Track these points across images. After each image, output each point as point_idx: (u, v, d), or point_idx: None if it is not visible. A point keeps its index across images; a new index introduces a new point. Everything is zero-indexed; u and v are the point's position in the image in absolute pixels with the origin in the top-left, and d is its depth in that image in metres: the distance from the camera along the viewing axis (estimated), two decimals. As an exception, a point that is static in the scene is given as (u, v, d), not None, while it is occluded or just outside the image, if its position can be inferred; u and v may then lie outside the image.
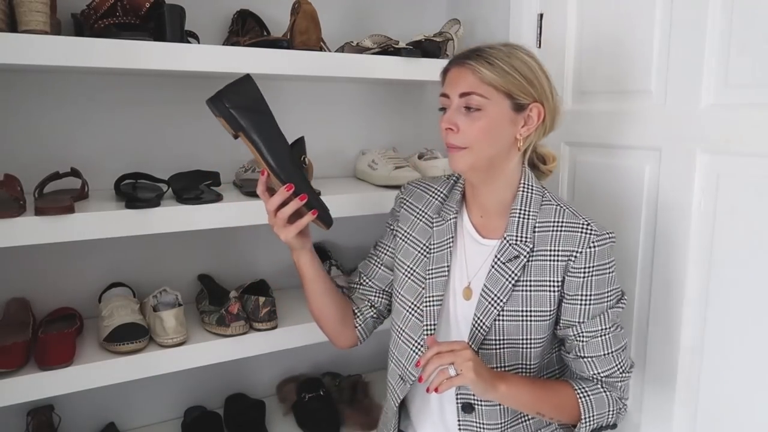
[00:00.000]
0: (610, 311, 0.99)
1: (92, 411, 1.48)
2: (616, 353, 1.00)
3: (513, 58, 0.96)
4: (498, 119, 0.96)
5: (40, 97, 1.31)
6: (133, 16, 1.19)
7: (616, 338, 1.00)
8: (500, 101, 0.95)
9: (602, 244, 0.97)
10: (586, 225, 0.98)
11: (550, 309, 0.99)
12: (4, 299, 1.33)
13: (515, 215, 1.00)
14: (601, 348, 0.99)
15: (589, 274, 0.97)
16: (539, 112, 0.98)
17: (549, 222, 1.00)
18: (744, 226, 1.04)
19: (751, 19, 1.01)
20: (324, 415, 1.56)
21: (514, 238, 1.00)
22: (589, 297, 0.98)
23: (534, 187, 1.02)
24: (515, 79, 0.95)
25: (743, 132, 1.02)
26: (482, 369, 0.90)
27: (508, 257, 0.99)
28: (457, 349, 0.89)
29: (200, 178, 1.31)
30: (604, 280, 0.98)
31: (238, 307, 1.32)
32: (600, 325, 0.98)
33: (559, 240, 0.98)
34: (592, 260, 0.97)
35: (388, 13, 1.70)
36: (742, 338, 1.05)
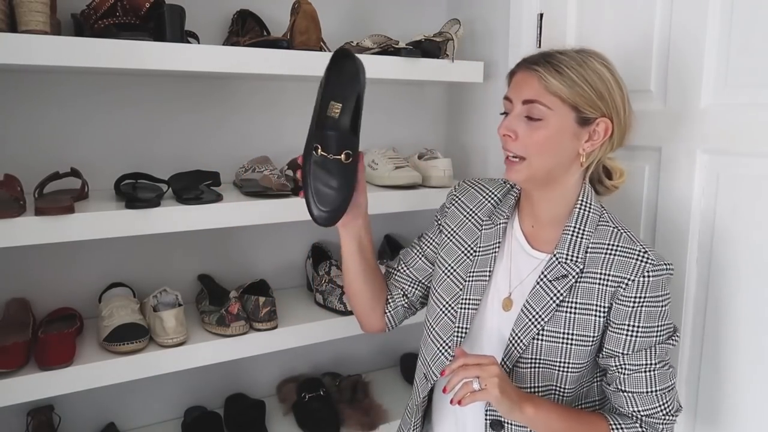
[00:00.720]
0: (659, 347, 0.92)
1: (92, 411, 1.48)
2: (661, 393, 0.93)
3: (585, 68, 0.90)
4: (560, 131, 0.91)
5: (40, 97, 1.31)
6: (133, 16, 1.19)
7: (663, 376, 0.93)
8: (565, 113, 0.90)
9: (658, 275, 0.91)
10: (643, 252, 0.92)
11: (593, 334, 0.93)
12: (4, 299, 1.33)
13: (568, 232, 0.95)
14: (644, 384, 0.92)
15: (640, 305, 0.91)
16: (606, 128, 0.92)
17: (603, 244, 0.94)
18: (744, 226, 1.04)
19: (751, 19, 1.01)
20: (324, 415, 1.56)
21: (564, 256, 0.95)
22: (637, 328, 0.92)
23: (592, 205, 0.97)
24: (584, 91, 0.90)
25: (743, 132, 1.02)
26: (509, 387, 0.87)
27: (555, 275, 0.94)
28: (484, 363, 0.86)
29: (200, 178, 1.31)
30: (655, 312, 0.92)
31: (238, 307, 1.32)
32: (645, 359, 0.92)
33: (612, 264, 0.93)
34: (644, 290, 0.91)
35: (388, 13, 1.70)
36: (743, 338, 1.05)
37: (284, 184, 1.30)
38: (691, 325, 1.14)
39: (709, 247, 1.10)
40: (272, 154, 1.51)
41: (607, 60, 0.95)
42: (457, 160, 1.66)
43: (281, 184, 1.30)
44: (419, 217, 1.85)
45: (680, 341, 1.14)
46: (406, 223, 1.82)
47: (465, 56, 1.61)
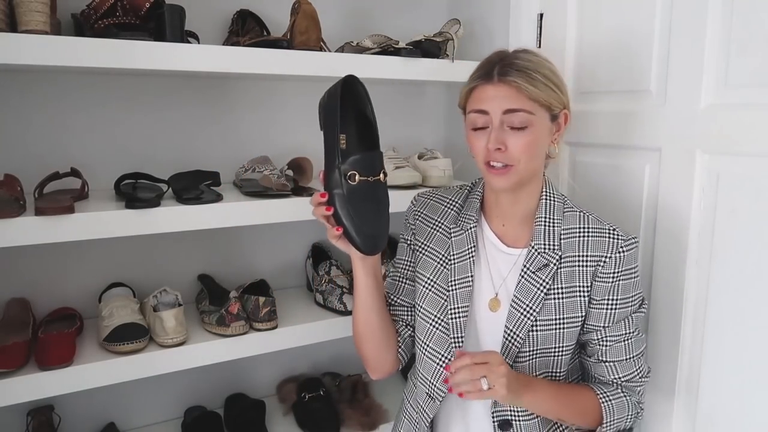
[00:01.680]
0: (633, 315, 1.00)
1: (92, 411, 1.48)
2: (636, 358, 1.00)
3: (543, 68, 0.95)
4: (542, 133, 0.96)
5: (41, 97, 1.31)
6: (133, 16, 1.19)
7: (637, 343, 1.01)
8: (543, 115, 0.95)
9: (630, 249, 0.98)
10: (612, 230, 0.99)
11: (581, 314, 0.99)
12: (4, 299, 1.33)
13: (541, 224, 1.00)
14: (623, 352, 0.99)
15: (617, 279, 0.97)
16: (566, 117, 1.00)
17: (574, 228, 1.00)
18: (744, 226, 1.04)
19: (751, 19, 1.01)
20: (324, 415, 1.56)
21: (542, 246, 0.99)
22: (616, 301, 0.98)
23: (555, 194, 1.02)
24: (552, 91, 0.95)
25: (743, 132, 1.02)
26: (514, 383, 0.89)
27: (537, 266, 0.98)
28: (492, 363, 0.87)
29: (200, 178, 1.31)
30: (630, 284, 0.99)
31: (238, 307, 1.32)
32: (624, 329, 0.99)
33: (588, 245, 0.98)
34: (620, 265, 0.97)
35: (388, 13, 1.70)
36: (743, 338, 1.05)
37: (284, 184, 1.30)
38: (691, 325, 1.14)
39: (709, 247, 1.10)
40: (272, 154, 1.51)
41: (544, 54, 1.01)
42: (457, 160, 1.66)
43: (281, 184, 1.30)
44: (419, 217, 1.85)
45: (678, 342, 1.15)
46: (406, 223, 1.82)
47: (465, 56, 1.61)
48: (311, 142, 1.63)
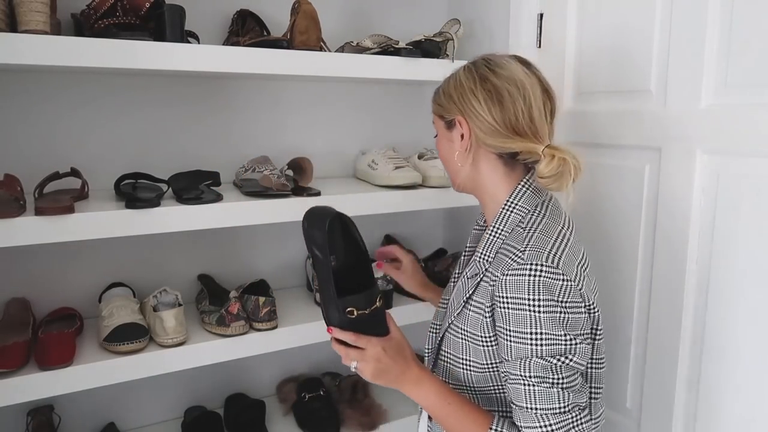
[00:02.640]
0: (536, 359, 0.84)
1: (92, 411, 1.48)
2: (544, 413, 0.84)
3: (452, 77, 0.99)
4: (441, 141, 1.02)
5: (41, 97, 1.31)
6: (133, 16, 1.19)
7: (545, 395, 0.84)
8: (439, 123, 1.02)
9: (518, 274, 0.85)
10: (519, 251, 0.88)
11: (483, 334, 0.92)
12: (4, 299, 1.33)
13: (488, 232, 0.97)
14: (523, 398, 0.86)
15: (505, 306, 0.86)
16: (461, 123, 0.96)
17: (508, 245, 0.92)
18: (744, 226, 1.04)
19: (751, 19, 1.01)
20: (324, 415, 1.56)
21: (480, 255, 0.96)
22: (508, 332, 0.87)
23: (517, 206, 0.95)
24: (440, 99, 1.00)
25: (743, 132, 1.02)
26: (386, 370, 0.91)
27: (471, 273, 0.97)
28: (367, 352, 0.90)
29: (200, 178, 1.31)
30: (524, 317, 0.84)
31: (238, 307, 1.32)
32: (521, 370, 0.85)
33: (496, 263, 0.92)
34: (505, 290, 0.86)
35: (388, 13, 1.70)
36: (742, 338, 1.05)
37: (284, 184, 1.30)
38: (691, 325, 1.14)
39: (709, 247, 1.10)
40: (272, 154, 1.51)
41: (475, 61, 0.98)
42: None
43: (281, 184, 1.30)
44: (419, 217, 1.85)
45: (678, 342, 1.15)
46: (406, 223, 1.83)
47: (465, 56, 1.61)
48: (311, 142, 1.64)
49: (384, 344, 0.91)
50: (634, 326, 1.25)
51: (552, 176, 0.90)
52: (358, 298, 0.91)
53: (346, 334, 0.91)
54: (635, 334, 1.25)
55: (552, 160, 0.90)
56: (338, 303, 0.91)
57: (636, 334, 1.25)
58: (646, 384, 1.23)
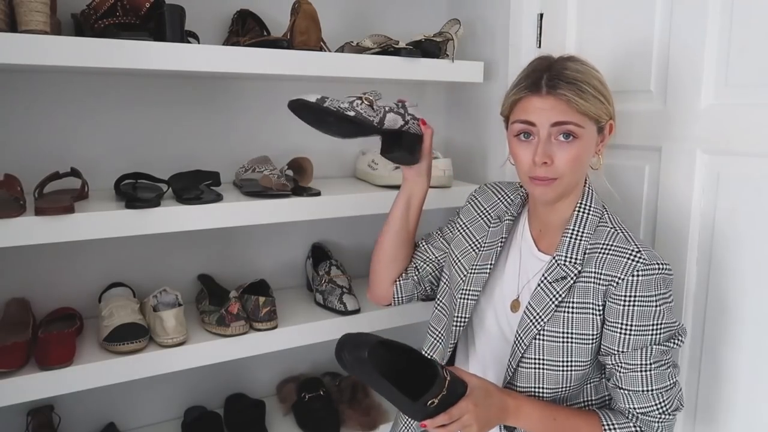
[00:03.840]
0: (655, 347, 0.92)
1: (92, 411, 1.48)
2: (658, 392, 0.93)
3: (591, 78, 0.93)
4: (589, 146, 0.95)
5: (40, 97, 1.31)
6: (133, 16, 1.19)
7: (660, 376, 0.93)
8: (591, 127, 0.94)
9: (648, 274, 0.91)
10: (636, 252, 0.92)
11: (593, 332, 0.95)
12: (4, 299, 1.33)
13: (567, 235, 0.98)
14: (639, 383, 0.93)
15: (630, 304, 0.92)
16: (611, 128, 0.98)
17: (599, 244, 0.96)
18: (744, 226, 1.04)
19: (751, 19, 1.01)
20: (324, 415, 1.56)
21: (563, 258, 0.97)
22: (630, 327, 0.92)
23: (592, 207, 0.99)
24: (601, 104, 0.93)
25: (743, 132, 1.02)
26: (488, 420, 0.90)
27: (555, 277, 0.96)
28: (462, 416, 0.88)
29: (200, 178, 1.31)
30: (648, 312, 0.91)
31: (238, 307, 1.32)
32: (641, 359, 0.92)
33: (604, 263, 0.94)
34: (633, 289, 0.91)
35: (388, 13, 1.70)
36: (743, 337, 1.05)
37: (284, 184, 1.30)
38: (691, 325, 1.14)
39: (709, 247, 1.10)
40: (272, 154, 1.51)
41: (589, 62, 0.97)
42: (457, 160, 1.66)
43: (281, 184, 1.30)
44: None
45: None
46: (406, 223, 1.82)
47: (465, 56, 1.61)
48: (311, 142, 1.63)
49: (473, 400, 0.89)
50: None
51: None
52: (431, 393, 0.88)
53: (437, 420, 0.88)
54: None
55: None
56: (417, 406, 0.88)
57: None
58: (646, 384, 1.23)
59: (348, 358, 0.88)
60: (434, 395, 0.88)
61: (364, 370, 0.87)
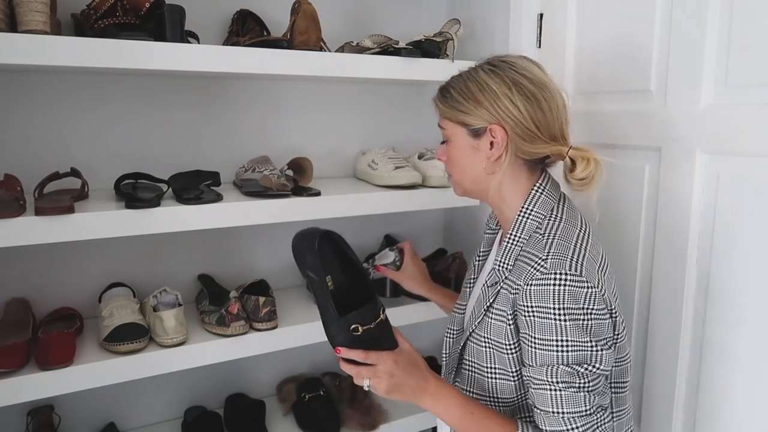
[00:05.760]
0: (563, 367, 0.85)
1: (92, 411, 1.48)
2: (570, 416, 0.85)
3: (467, 81, 0.94)
4: (460, 148, 0.97)
5: (41, 97, 1.31)
6: (133, 16, 1.19)
7: (573, 399, 0.85)
8: (457, 131, 0.96)
9: (542, 284, 0.85)
10: (541, 259, 0.87)
11: (507, 342, 0.92)
12: (4, 299, 1.33)
13: (506, 240, 0.96)
14: (549, 403, 0.86)
15: (530, 314, 0.86)
16: (502, 134, 0.92)
17: (527, 252, 0.91)
18: (744, 226, 1.04)
19: (751, 19, 1.01)
20: (324, 415, 1.56)
21: (499, 263, 0.95)
22: (533, 339, 0.87)
23: (533, 212, 0.94)
24: (463, 106, 0.93)
25: (743, 132, 1.02)
26: (401, 385, 0.89)
27: (491, 282, 0.96)
28: (378, 368, 0.88)
29: (200, 178, 1.31)
30: (548, 325, 0.85)
31: (238, 307, 1.32)
32: (547, 376, 0.86)
33: (517, 271, 0.91)
34: (529, 299, 0.86)
35: (388, 13, 1.70)
36: (743, 338, 1.05)
37: (284, 184, 1.30)
38: (691, 325, 1.14)
39: (709, 247, 1.10)
40: (272, 154, 1.51)
41: (498, 62, 0.94)
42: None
43: (281, 184, 1.30)
44: (419, 217, 1.85)
45: (678, 342, 1.14)
46: (406, 223, 1.82)
47: (465, 56, 1.61)
48: (311, 142, 1.64)
49: (395, 357, 0.89)
50: (634, 326, 1.25)
51: (586, 179, 0.93)
52: (360, 313, 0.89)
53: (354, 352, 0.89)
54: (635, 334, 1.25)
55: (588, 163, 0.93)
56: (341, 322, 0.88)
57: (636, 333, 1.25)
58: (646, 384, 1.23)
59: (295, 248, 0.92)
60: (362, 321, 0.88)
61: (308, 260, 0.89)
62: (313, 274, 0.91)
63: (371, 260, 1.43)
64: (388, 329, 0.92)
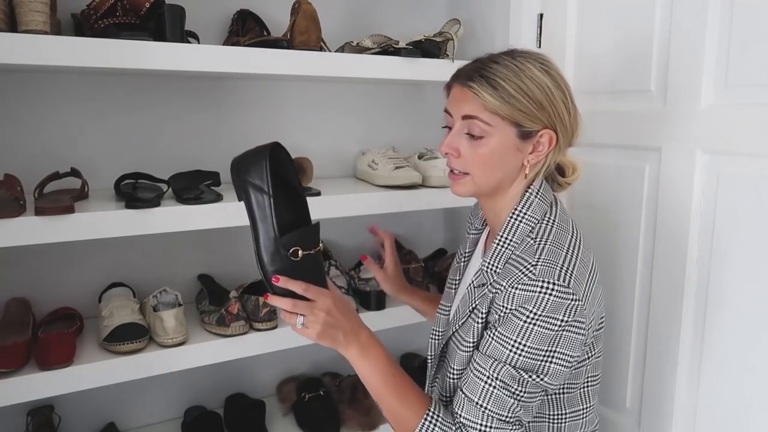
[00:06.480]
0: (509, 367, 0.83)
1: (92, 411, 1.48)
2: (489, 414, 0.83)
3: (522, 77, 0.85)
4: (502, 148, 0.88)
5: (40, 97, 1.31)
6: (133, 16, 1.19)
7: (500, 401, 0.83)
8: (505, 129, 0.87)
9: (526, 290, 0.82)
10: (531, 266, 0.84)
11: (472, 340, 0.89)
12: (4, 299, 1.33)
13: (495, 242, 0.92)
14: (477, 393, 0.84)
15: (505, 313, 0.84)
16: (551, 139, 0.88)
17: (517, 256, 0.88)
18: (744, 226, 1.04)
19: (751, 19, 1.01)
20: (324, 415, 1.56)
21: (488, 265, 0.91)
22: (496, 331, 0.85)
23: (527, 215, 0.91)
24: (522, 105, 0.85)
25: (743, 132, 1.02)
26: (335, 327, 0.84)
27: (478, 282, 0.92)
28: (317, 304, 0.83)
29: (200, 178, 1.31)
30: (516, 326, 0.82)
31: (238, 307, 1.32)
32: (490, 368, 0.84)
33: (505, 273, 0.87)
34: (510, 301, 0.83)
35: (388, 13, 1.70)
36: (743, 337, 1.06)
37: (284, 184, 1.30)
38: (691, 325, 1.14)
39: (709, 247, 1.10)
40: (272, 154, 1.51)
41: (545, 61, 0.89)
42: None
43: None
44: (419, 217, 1.85)
45: (678, 342, 1.15)
46: (406, 223, 1.82)
47: (465, 56, 1.60)
48: (311, 142, 1.64)
49: (334, 297, 0.85)
50: (634, 326, 1.25)
51: (571, 184, 0.97)
52: (301, 233, 0.82)
53: (296, 283, 0.82)
54: (635, 334, 1.25)
55: (576, 167, 0.96)
56: (281, 242, 0.81)
57: (636, 333, 1.25)
58: (646, 384, 1.23)
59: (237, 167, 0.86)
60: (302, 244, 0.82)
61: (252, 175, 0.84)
62: (254, 190, 0.84)
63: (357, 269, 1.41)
64: (322, 266, 0.87)
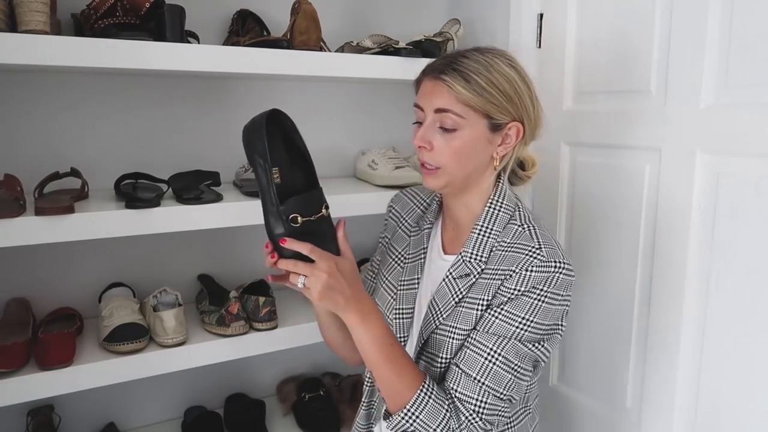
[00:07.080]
0: (514, 343, 0.87)
1: (92, 411, 1.48)
2: (487, 390, 0.86)
3: (492, 72, 0.88)
4: (474, 140, 0.90)
5: (41, 97, 1.31)
6: (133, 16, 1.19)
7: (500, 377, 0.86)
8: (477, 121, 0.89)
9: (542, 271, 0.87)
10: (536, 248, 0.89)
11: (468, 327, 0.90)
12: (4, 299, 1.33)
13: (476, 232, 0.94)
14: (476, 369, 0.87)
15: (515, 295, 0.87)
16: (518, 131, 0.92)
17: (505, 243, 0.92)
18: (744, 226, 1.04)
19: (751, 19, 1.01)
20: (324, 415, 1.56)
21: (469, 255, 0.93)
22: (501, 310, 0.88)
23: (504, 204, 0.95)
24: (493, 97, 0.88)
25: (743, 132, 1.02)
26: (336, 289, 0.83)
27: (459, 273, 0.93)
28: (318, 265, 0.83)
29: (200, 178, 1.31)
30: (526, 303, 0.87)
31: (238, 307, 1.32)
32: (493, 344, 0.87)
33: (504, 260, 0.90)
34: (523, 284, 0.87)
35: (388, 13, 1.70)
36: (743, 337, 1.05)
37: (284, 184, 1.30)
38: (691, 325, 1.14)
39: (709, 248, 1.10)
40: (272, 154, 1.51)
41: (511, 57, 0.92)
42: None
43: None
44: (419, 217, 1.85)
45: (678, 342, 1.15)
46: (406, 223, 1.82)
47: (465, 56, 1.61)
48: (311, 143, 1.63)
49: (337, 260, 0.85)
50: (634, 326, 1.25)
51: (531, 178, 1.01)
52: (299, 200, 0.84)
53: (302, 244, 0.82)
54: (635, 334, 1.25)
55: (535, 162, 1.01)
56: (280, 210, 0.83)
57: (636, 334, 1.25)
58: (646, 384, 1.23)
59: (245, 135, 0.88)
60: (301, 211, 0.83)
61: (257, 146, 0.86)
62: (260, 160, 0.86)
63: None
64: (330, 230, 0.87)
